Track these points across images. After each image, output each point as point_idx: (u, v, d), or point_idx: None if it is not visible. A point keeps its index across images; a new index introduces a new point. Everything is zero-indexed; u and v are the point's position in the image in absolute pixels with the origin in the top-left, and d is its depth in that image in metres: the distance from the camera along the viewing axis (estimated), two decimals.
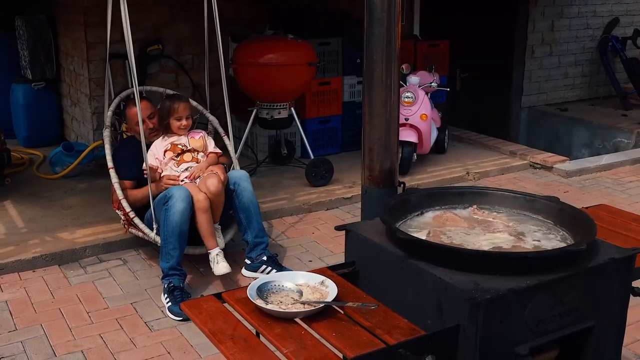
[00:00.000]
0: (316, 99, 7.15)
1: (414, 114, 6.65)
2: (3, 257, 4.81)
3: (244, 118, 6.82)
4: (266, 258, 4.66)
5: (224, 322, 2.14)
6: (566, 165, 7.14)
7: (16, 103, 7.48)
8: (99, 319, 4.18)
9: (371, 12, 2.78)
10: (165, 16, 6.96)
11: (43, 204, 5.88)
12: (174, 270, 4.35)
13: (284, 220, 5.77)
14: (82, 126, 7.13)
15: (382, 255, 2.41)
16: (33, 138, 7.51)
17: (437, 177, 6.71)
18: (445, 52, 8.05)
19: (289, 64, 6.23)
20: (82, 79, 6.87)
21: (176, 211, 4.31)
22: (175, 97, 4.85)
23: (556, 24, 9.81)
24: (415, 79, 6.86)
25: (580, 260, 2.26)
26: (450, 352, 2.13)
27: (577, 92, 10.33)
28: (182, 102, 4.76)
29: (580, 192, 6.54)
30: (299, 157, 7.16)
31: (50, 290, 4.54)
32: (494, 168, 7.06)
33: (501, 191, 2.81)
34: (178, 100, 4.76)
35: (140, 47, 6.85)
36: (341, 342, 2.03)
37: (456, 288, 2.11)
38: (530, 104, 9.90)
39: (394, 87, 2.82)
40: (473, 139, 8.01)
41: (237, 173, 4.76)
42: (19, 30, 7.45)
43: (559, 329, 2.26)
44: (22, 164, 6.93)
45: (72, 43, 7.08)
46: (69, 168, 6.46)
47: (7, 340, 3.92)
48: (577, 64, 10.23)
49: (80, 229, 5.33)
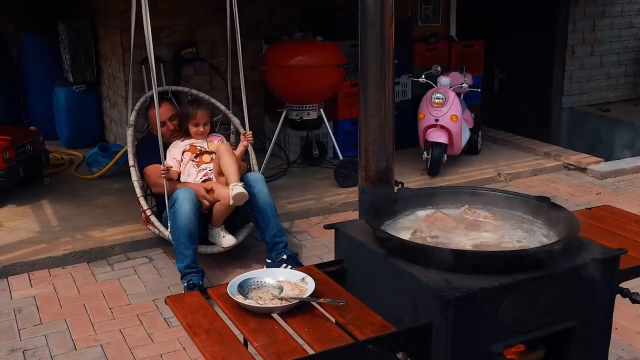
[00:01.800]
0: (348, 100, 7.19)
1: (444, 115, 6.65)
2: (35, 254, 4.99)
3: (277, 119, 6.91)
4: (286, 257, 4.72)
5: (202, 316, 2.21)
6: (601, 166, 7.04)
7: (58, 105, 7.72)
8: (120, 314, 4.30)
9: (364, 14, 2.81)
10: (199, 19, 7.09)
11: (78, 203, 6.06)
12: (190, 268, 4.46)
13: (310, 220, 5.83)
14: (120, 128, 7.31)
15: (365, 253, 2.46)
16: (74, 139, 7.74)
17: (468, 178, 6.69)
18: (479, 52, 8.00)
19: (317, 65, 6.29)
20: (119, 82, 7.05)
21: (183, 212, 4.42)
22: (195, 103, 4.97)
23: (598, 23, 9.67)
24: (445, 80, 6.85)
25: (557, 260, 2.26)
26: (424, 350, 2.16)
27: (620, 92, 10.16)
28: (201, 109, 4.87)
29: (613, 193, 6.44)
30: (331, 158, 7.21)
31: (77, 286, 4.69)
32: (526, 169, 7.01)
33: (493, 191, 2.83)
34: (197, 106, 4.88)
35: (175, 50, 7.01)
36: (311, 337, 2.08)
37: (429, 286, 2.14)
38: (571, 105, 9.78)
39: (388, 88, 2.84)
40: (508, 140, 7.95)
41: (252, 175, 4.83)
42: (61, 34, 7.68)
43: (537, 328, 2.27)
44: (62, 164, 7.14)
45: (110, 47, 7.27)
46: (104, 168, 6.63)
47: (32, 334, 4.07)
48: (620, 63, 10.06)
49: (111, 227, 5.49)
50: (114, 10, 6.87)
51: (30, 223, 5.59)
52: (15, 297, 4.53)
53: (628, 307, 2.57)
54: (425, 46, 7.72)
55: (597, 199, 6.21)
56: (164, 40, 6.93)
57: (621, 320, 3.99)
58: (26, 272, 4.86)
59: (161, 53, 6.89)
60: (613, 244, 2.60)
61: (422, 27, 8.07)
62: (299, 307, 2.25)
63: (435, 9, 8.20)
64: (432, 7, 8.18)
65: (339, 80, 6.56)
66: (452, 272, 2.19)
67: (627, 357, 3.73)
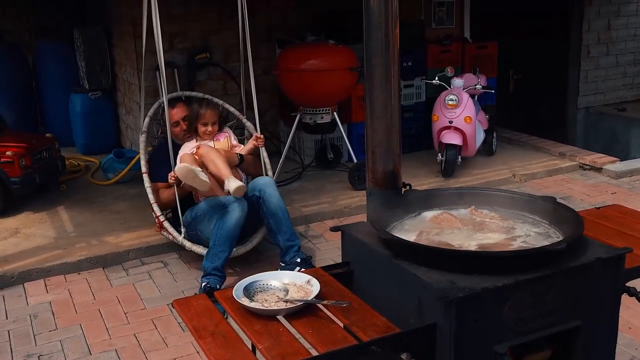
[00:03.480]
0: (362, 103, 7.19)
1: (457, 117, 6.64)
2: (51, 260, 5.04)
3: (292, 123, 6.92)
4: (300, 260, 4.74)
5: (208, 319, 2.23)
6: (616, 166, 7.00)
7: (74, 112, 7.78)
8: (135, 319, 4.34)
9: (369, 17, 2.83)
10: (212, 25, 7.14)
11: (93, 209, 6.11)
12: (217, 271, 4.51)
13: (324, 223, 5.85)
14: (136, 134, 7.35)
15: (371, 255, 2.47)
16: (91, 146, 7.80)
17: (482, 180, 6.68)
18: (493, 53, 7.98)
19: (330, 69, 6.30)
20: (134, 88, 7.11)
21: (235, 218, 4.49)
22: (204, 103, 5.00)
23: (612, 22, 9.61)
24: (459, 81, 6.84)
25: (561, 259, 2.26)
26: (428, 350, 2.16)
27: (636, 91, 10.09)
28: (209, 109, 4.91)
29: (628, 193, 6.40)
30: (346, 161, 7.22)
31: (92, 291, 4.73)
32: (541, 170, 6.98)
33: (499, 191, 2.83)
34: (206, 106, 4.91)
35: (189, 55, 7.06)
36: (315, 339, 2.10)
37: (432, 287, 2.14)
38: (587, 105, 9.73)
39: (393, 90, 2.87)
40: (523, 141, 7.92)
41: (262, 180, 4.85)
42: (76, 42, 7.75)
43: (542, 328, 2.26)
44: (78, 170, 7.21)
45: (124, 53, 7.33)
46: (120, 174, 6.68)
47: (47, 339, 4.12)
48: (636, 62, 10.00)
49: (126, 233, 5.53)
50: (127, 16, 6.93)
51: (46, 229, 5.65)
52: (31, 302, 4.58)
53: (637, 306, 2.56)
54: (439, 48, 7.72)
55: (613, 198, 6.17)
56: (177, 46, 6.97)
57: (635, 320, 3.97)
58: (42, 278, 4.91)
59: (175, 58, 6.94)
60: (620, 243, 2.59)
61: (435, 29, 8.06)
62: (304, 309, 2.26)
63: (449, 10, 8.18)
64: (446, 9, 8.16)
65: (352, 83, 6.57)
66: (456, 272, 2.19)
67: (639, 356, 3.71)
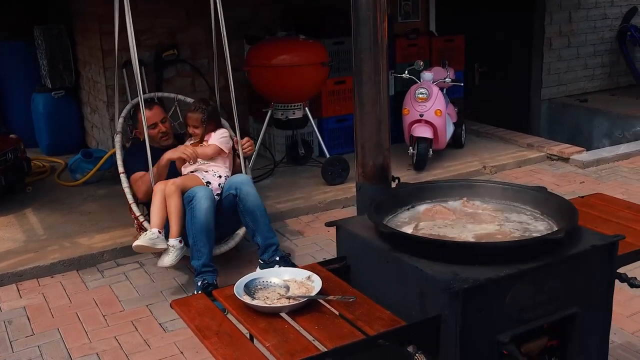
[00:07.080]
0: (332, 98, 7.20)
1: (428, 110, 6.68)
2: (22, 264, 4.93)
3: (262, 120, 6.89)
4: (278, 258, 4.71)
5: (210, 319, 2.20)
6: (583, 155, 7.12)
7: (37, 112, 7.63)
8: (114, 321, 4.27)
9: (357, 11, 2.81)
10: (180, 21, 7.06)
11: (63, 210, 6.00)
12: (207, 267, 4.46)
13: (300, 219, 5.83)
14: (102, 133, 7.26)
15: (369, 249, 2.46)
16: (55, 146, 7.66)
17: (454, 172, 6.73)
18: (460, 46, 8.04)
19: (301, 64, 6.29)
20: (100, 86, 7.00)
21: (202, 209, 4.43)
22: (191, 107, 4.98)
23: (573, 15, 9.76)
24: (429, 75, 6.88)
25: (559, 248, 2.28)
26: (433, 342, 2.16)
27: (597, 82, 10.26)
28: (190, 112, 4.90)
29: (596, 182, 6.50)
30: (317, 156, 7.21)
31: (68, 295, 4.64)
32: (511, 161, 7.06)
33: (490, 183, 2.84)
34: (193, 110, 4.89)
35: (156, 52, 6.97)
36: (322, 334, 2.08)
37: (435, 279, 2.14)
38: (550, 96, 9.86)
39: (382, 85, 2.85)
40: (491, 133, 8.00)
41: (238, 178, 4.80)
42: (37, 40, 7.60)
43: (541, 316, 2.28)
44: (44, 172, 7.07)
45: (89, 51, 7.21)
46: (88, 175, 6.58)
47: (24, 345, 4.02)
48: (596, 54, 10.17)
49: (99, 234, 5.44)
50: (91, 13, 6.81)
51: (15, 233, 5.53)
52: (4, 308, 4.47)
53: (618, 292, 2.61)
54: (406, 42, 7.75)
55: (582, 187, 6.26)
56: (144, 43, 6.87)
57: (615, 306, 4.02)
58: (14, 282, 4.80)
59: (142, 56, 6.83)
60: (608, 230, 2.62)
61: (402, 24, 8.09)
62: (307, 306, 2.24)
63: (415, 5, 8.23)
64: (412, 4, 8.20)
65: (324, 78, 6.57)
66: (457, 264, 2.19)
67: (619, 341, 3.76)
